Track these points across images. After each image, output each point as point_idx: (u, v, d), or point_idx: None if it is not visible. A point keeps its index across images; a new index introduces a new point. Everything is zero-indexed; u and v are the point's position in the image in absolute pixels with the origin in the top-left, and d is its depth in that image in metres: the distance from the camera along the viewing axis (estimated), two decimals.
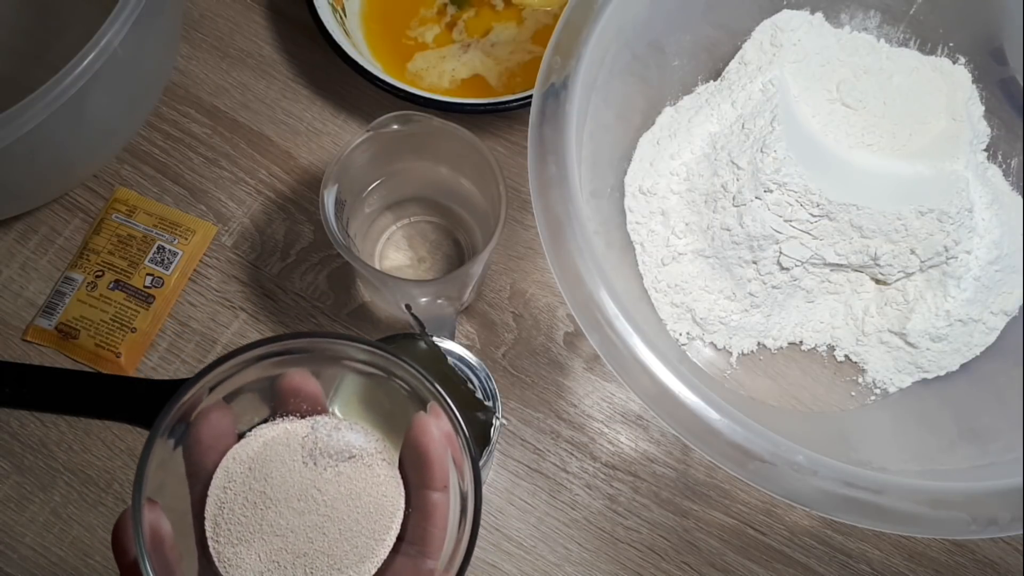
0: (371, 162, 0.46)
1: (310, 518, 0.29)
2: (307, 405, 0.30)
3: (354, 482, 0.29)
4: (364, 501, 0.29)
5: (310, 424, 0.30)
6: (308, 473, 0.29)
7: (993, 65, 0.51)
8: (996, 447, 0.42)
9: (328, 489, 0.29)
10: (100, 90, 0.45)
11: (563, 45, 0.42)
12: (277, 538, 0.28)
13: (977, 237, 0.48)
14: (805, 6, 0.52)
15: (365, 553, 0.29)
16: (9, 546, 0.49)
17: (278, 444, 0.29)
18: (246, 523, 0.28)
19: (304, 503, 0.29)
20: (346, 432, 0.30)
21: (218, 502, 0.29)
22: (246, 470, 0.29)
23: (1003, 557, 0.50)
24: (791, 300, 0.51)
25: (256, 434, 0.30)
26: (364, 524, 0.29)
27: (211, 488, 0.29)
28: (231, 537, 0.28)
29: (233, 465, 0.29)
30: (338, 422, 0.30)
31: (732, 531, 0.50)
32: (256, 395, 0.30)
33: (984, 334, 0.49)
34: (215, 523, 0.29)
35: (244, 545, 0.28)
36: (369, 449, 0.30)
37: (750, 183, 0.47)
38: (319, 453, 0.29)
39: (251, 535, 0.28)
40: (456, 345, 0.43)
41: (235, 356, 0.28)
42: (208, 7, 0.60)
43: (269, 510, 0.29)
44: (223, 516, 0.29)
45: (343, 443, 0.30)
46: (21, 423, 0.51)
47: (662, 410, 0.36)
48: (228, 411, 0.29)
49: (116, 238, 0.54)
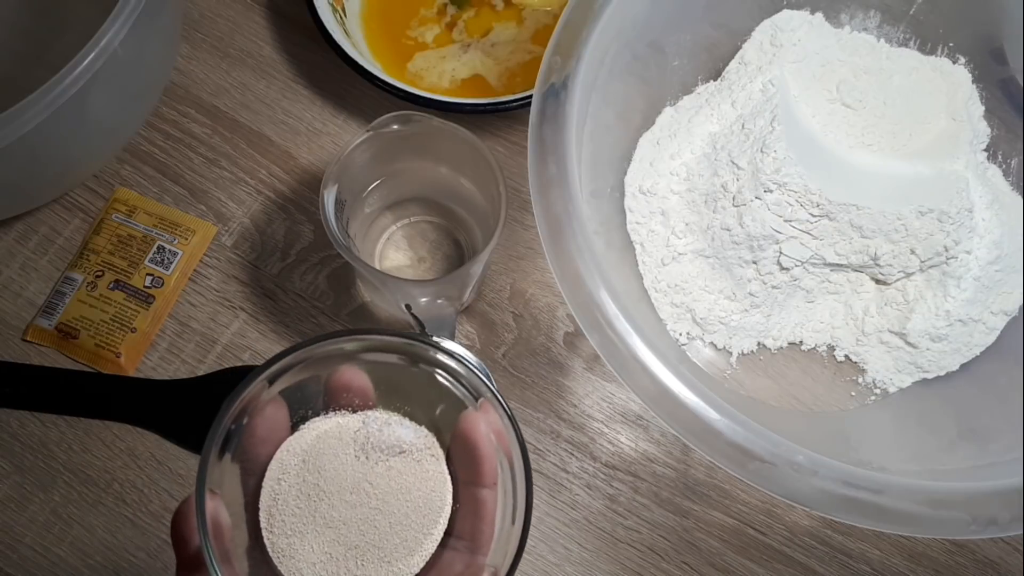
0: (371, 162, 0.46)
1: (362, 511, 0.29)
2: (358, 400, 0.31)
3: (404, 476, 0.30)
4: (414, 495, 0.30)
5: (361, 419, 0.30)
6: (360, 467, 0.30)
7: (993, 65, 0.51)
8: (996, 447, 0.42)
9: (379, 483, 0.29)
10: (100, 90, 0.45)
11: (563, 45, 0.42)
12: (330, 530, 0.29)
13: (977, 237, 0.48)
14: (805, 6, 0.52)
15: (414, 546, 0.29)
16: (9, 546, 0.49)
17: (331, 438, 0.30)
18: (300, 515, 0.29)
19: (356, 496, 0.29)
20: (396, 427, 0.30)
21: (272, 493, 0.29)
22: (300, 462, 0.29)
23: (1003, 557, 0.50)
24: (791, 300, 0.51)
25: (309, 427, 0.30)
26: (413, 518, 0.30)
27: (266, 480, 0.29)
28: (285, 528, 0.29)
29: (287, 457, 0.30)
30: (388, 417, 0.31)
31: (732, 531, 0.50)
32: (309, 389, 0.31)
33: (984, 334, 0.49)
34: (269, 514, 0.29)
35: (298, 536, 0.29)
36: (419, 444, 0.30)
37: (750, 183, 0.47)
38: (371, 447, 0.30)
39: (305, 526, 0.29)
40: (456, 345, 0.43)
41: (299, 349, 0.28)
42: (208, 7, 0.60)
43: (322, 502, 0.29)
44: (277, 507, 0.29)
45: (394, 438, 0.30)
46: (21, 423, 0.51)
47: (662, 410, 0.36)
48: (283, 405, 0.30)
49: (116, 238, 0.54)
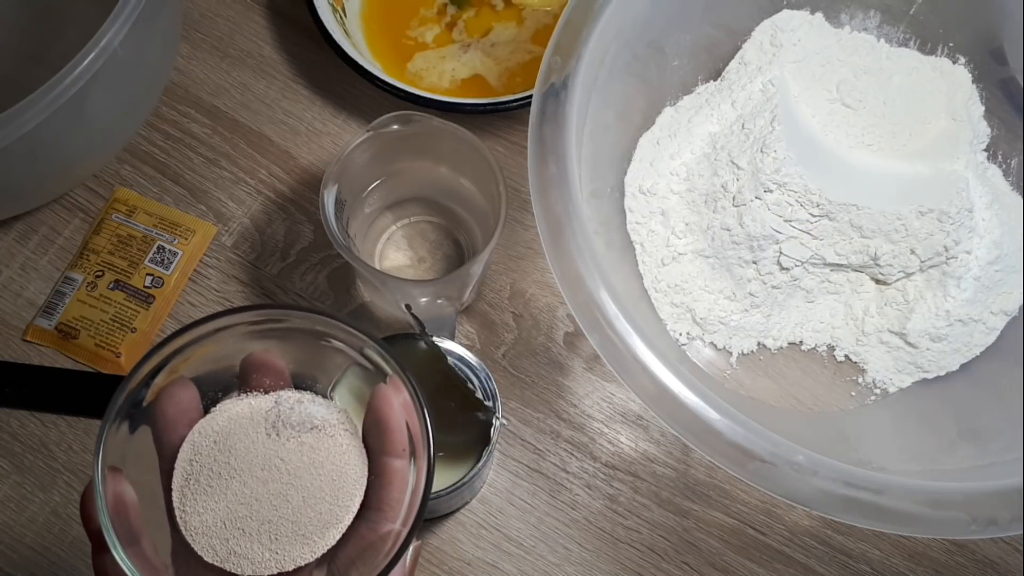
0: (371, 162, 0.46)
1: (274, 487, 0.30)
2: (270, 381, 0.31)
3: (316, 452, 0.30)
4: (327, 469, 0.30)
5: (274, 399, 0.31)
6: (271, 444, 0.30)
7: (993, 65, 0.51)
8: (996, 447, 0.42)
9: (291, 459, 0.30)
10: (100, 90, 0.45)
11: (563, 45, 0.42)
12: (242, 506, 0.30)
13: (977, 237, 0.48)
14: (805, 6, 0.52)
15: (329, 520, 0.30)
16: (9, 546, 0.49)
17: (242, 418, 0.31)
18: (211, 493, 0.30)
19: (267, 472, 0.30)
20: (308, 405, 0.31)
21: (184, 474, 0.30)
22: (211, 443, 0.30)
23: (1003, 557, 0.50)
24: (791, 300, 0.51)
25: (221, 409, 0.31)
26: (327, 491, 0.30)
27: (178, 461, 0.30)
28: (197, 507, 0.30)
29: (199, 439, 0.30)
30: (300, 396, 0.31)
31: (732, 531, 0.50)
32: (222, 373, 0.31)
33: (984, 334, 0.49)
34: (182, 494, 0.30)
35: (210, 514, 0.29)
36: (331, 420, 0.31)
37: (750, 183, 0.47)
38: (282, 425, 0.30)
39: (216, 504, 0.29)
40: (456, 345, 0.43)
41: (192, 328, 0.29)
42: (208, 7, 0.60)
43: (233, 480, 0.30)
44: (189, 487, 0.30)
45: (305, 415, 0.31)
46: (21, 423, 0.51)
47: (662, 410, 0.36)
48: (191, 387, 0.30)
49: (116, 238, 0.54)
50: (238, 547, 0.29)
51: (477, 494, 0.50)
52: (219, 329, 0.30)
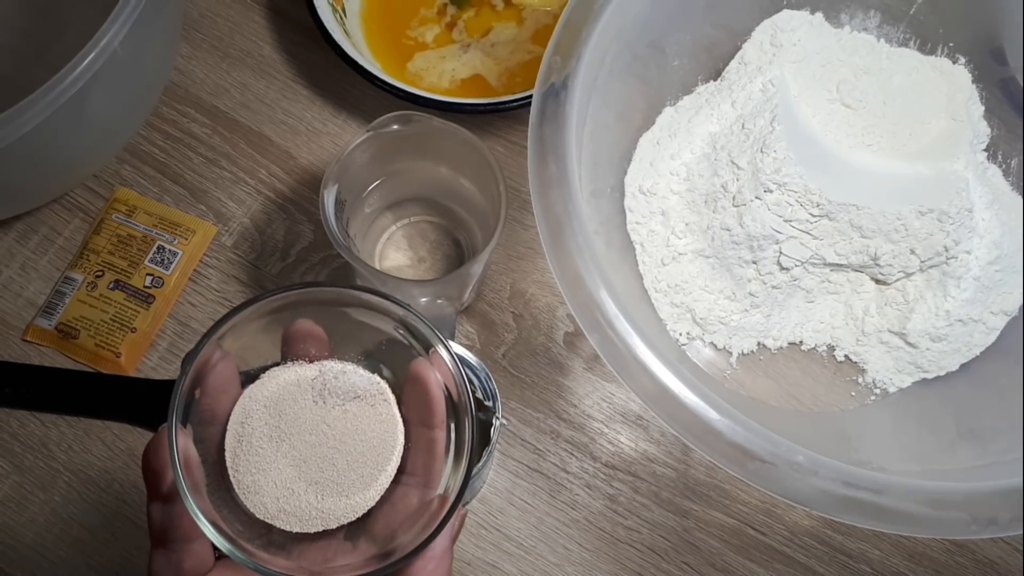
0: (371, 162, 0.46)
1: (321, 450, 0.32)
2: (315, 350, 0.33)
3: (359, 419, 0.32)
4: (368, 436, 0.32)
5: (318, 368, 0.33)
6: (318, 410, 0.32)
7: (993, 65, 0.51)
8: (996, 447, 0.42)
9: (336, 425, 0.32)
10: (100, 90, 0.45)
11: (563, 45, 0.42)
12: (291, 467, 0.31)
13: (977, 237, 0.48)
14: (805, 6, 0.52)
15: (369, 481, 0.32)
16: (10, 546, 0.49)
17: (290, 385, 0.32)
18: (264, 454, 0.31)
19: (315, 436, 0.32)
20: (351, 375, 0.33)
21: (237, 436, 0.32)
22: (262, 408, 0.32)
23: (1003, 557, 0.50)
24: (791, 300, 0.51)
25: (269, 376, 0.33)
26: (368, 456, 0.32)
27: (230, 424, 0.32)
28: (250, 467, 0.31)
29: (250, 404, 0.32)
30: (343, 366, 0.33)
31: (732, 531, 0.50)
32: (268, 342, 0.33)
33: (984, 334, 0.49)
34: (235, 454, 0.32)
35: (262, 474, 0.31)
36: (371, 391, 0.33)
37: (750, 183, 0.47)
38: (328, 393, 0.32)
39: (268, 464, 0.31)
40: (456, 345, 0.43)
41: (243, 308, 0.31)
42: (208, 7, 0.60)
43: (284, 442, 0.32)
44: (242, 448, 0.31)
45: (348, 385, 0.33)
46: (21, 423, 0.51)
47: (662, 410, 0.36)
48: (231, 360, 0.32)
49: (116, 238, 0.54)
50: (287, 505, 0.31)
51: (477, 494, 0.50)
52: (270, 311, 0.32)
